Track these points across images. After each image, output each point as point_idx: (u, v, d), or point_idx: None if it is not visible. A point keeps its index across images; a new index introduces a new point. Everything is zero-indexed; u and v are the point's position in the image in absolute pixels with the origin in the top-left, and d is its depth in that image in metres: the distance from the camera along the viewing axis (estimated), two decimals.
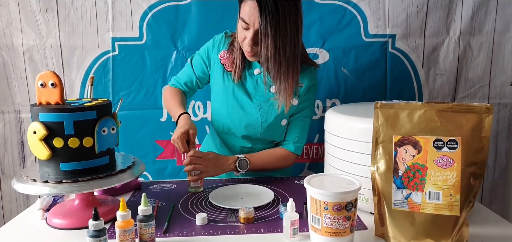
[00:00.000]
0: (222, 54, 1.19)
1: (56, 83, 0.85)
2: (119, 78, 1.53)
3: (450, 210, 0.75)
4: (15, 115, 1.57)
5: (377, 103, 0.82)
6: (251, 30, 1.04)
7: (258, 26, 1.02)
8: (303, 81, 1.17)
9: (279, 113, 1.16)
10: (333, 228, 0.75)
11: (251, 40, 1.05)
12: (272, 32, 1.01)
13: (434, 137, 0.76)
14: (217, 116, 1.24)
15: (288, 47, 1.04)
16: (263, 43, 1.03)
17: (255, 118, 1.18)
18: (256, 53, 1.08)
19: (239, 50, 1.14)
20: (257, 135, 1.20)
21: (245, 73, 1.18)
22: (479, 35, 1.54)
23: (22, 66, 1.52)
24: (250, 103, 1.17)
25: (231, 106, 1.19)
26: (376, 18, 1.51)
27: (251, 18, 1.02)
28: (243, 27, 1.06)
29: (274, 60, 1.04)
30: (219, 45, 1.21)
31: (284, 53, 1.04)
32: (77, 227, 0.87)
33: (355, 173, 0.89)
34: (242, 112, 1.18)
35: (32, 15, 1.48)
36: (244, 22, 1.04)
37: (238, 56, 1.15)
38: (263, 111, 1.17)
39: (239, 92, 1.18)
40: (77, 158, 0.86)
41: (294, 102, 1.17)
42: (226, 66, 1.18)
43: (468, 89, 1.58)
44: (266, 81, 1.15)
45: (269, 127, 1.18)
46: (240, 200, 1.00)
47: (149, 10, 1.49)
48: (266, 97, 1.17)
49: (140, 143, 1.55)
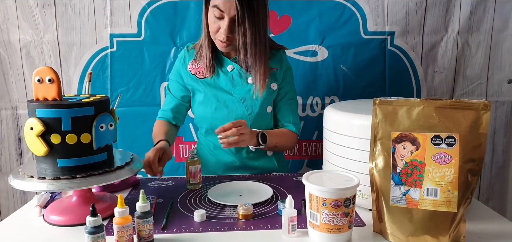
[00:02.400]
0: (189, 66, 1.22)
1: (54, 79, 0.84)
2: (117, 75, 1.52)
3: (448, 207, 0.75)
4: (12, 111, 1.56)
5: (376, 100, 0.82)
6: (226, 19, 1.06)
7: (234, 13, 1.04)
8: (276, 66, 1.21)
9: (262, 100, 1.19)
10: (332, 224, 0.75)
11: (228, 29, 1.06)
12: (249, 19, 1.04)
13: (432, 134, 0.76)
14: (203, 122, 1.25)
15: (262, 32, 1.09)
16: (240, 31, 1.06)
17: (241, 112, 1.20)
18: (231, 42, 1.10)
19: (208, 45, 1.15)
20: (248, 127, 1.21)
21: (219, 72, 1.19)
22: (477, 33, 1.54)
23: (19, 62, 1.51)
24: (232, 99, 1.19)
25: (215, 107, 1.20)
26: (375, 15, 1.51)
27: (226, 6, 1.04)
28: (217, 16, 1.07)
29: (251, 46, 1.08)
30: (185, 60, 1.23)
31: (259, 38, 1.09)
32: (75, 224, 0.87)
33: (353, 170, 0.89)
34: (227, 110, 1.20)
35: (29, 11, 1.47)
36: (219, 10, 1.05)
37: (207, 51, 1.16)
38: (247, 103, 1.19)
39: (218, 92, 1.19)
40: (74, 154, 0.85)
41: (273, 86, 1.21)
42: (198, 75, 1.20)
43: (466, 86, 1.59)
44: (241, 74, 1.17)
45: (256, 117, 1.20)
46: (239, 197, 1.00)
47: (147, 6, 1.48)
48: (246, 90, 1.18)
49: (139, 140, 1.55)
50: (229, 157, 1.26)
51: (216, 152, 1.27)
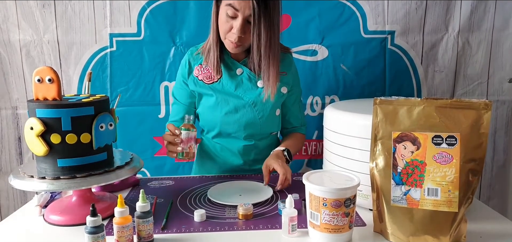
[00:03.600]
0: (196, 72, 1.17)
1: (53, 79, 0.84)
2: (117, 75, 1.52)
3: (448, 206, 0.75)
4: (12, 111, 1.56)
5: (376, 99, 0.82)
6: (240, 18, 1.02)
7: (248, 12, 1.01)
8: (285, 70, 1.19)
9: (273, 104, 1.17)
10: (332, 224, 0.75)
11: (241, 29, 1.03)
12: (264, 19, 1.01)
13: (433, 133, 0.76)
14: (212, 126, 1.22)
15: (276, 34, 1.07)
16: (255, 32, 1.03)
17: (251, 116, 1.17)
18: (242, 43, 1.07)
19: (216, 46, 1.11)
20: (258, 131, 1.20)
21: (227, 76, 1.16)
22: (477, 32, 1.54)
23: (19, 62, 1.51)
24: (242, 103, 1.16)
25: (225, 112, 1.17)
26: (375, 14, 1.51)
27: (241, 5, 1.00)
28: (230, 15, 1.03)
29: (265, 48, 1.05)
30: (190, 65, 1.18)
31: (274, 40, 1.06)
32: (75, 224, 0.87)
33: (354, 170, 0.89)
34: (238, 115, 1.17)
35: (29, 11, 1.47)
36: (233, 9, 1.01)
37: (215, 52, 1.11)
38: (258, 107, 1.16)
39: (228, 97, 1.16)
40: (74, 154, 0.85)
41: (283, 90, 1.19)
42: (205, 80, 1.16)
43: (466, 86, 1.58)
44: (250, 77, 1.15)
45: (266, 120, 1.19)
46: (239, 197, 1.00)
47: (147, 6, 1.48)
48: (257, 93, 1.16)
49: (138, 140, 1.55)
50: (237, 160, 1.24)
51: (223, 154, 1.25)
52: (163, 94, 1.54)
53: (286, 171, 1.04)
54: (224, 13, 1.04)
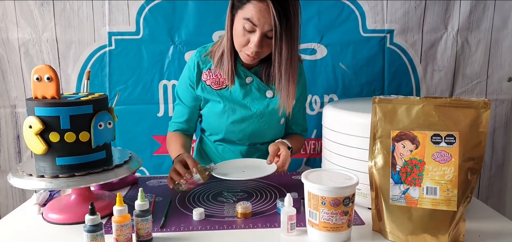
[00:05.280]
0: (204, 76, 1.13)
1: (52, 77, 0.84)
2: (115, 73, 1.52)
3: (447, 205, 0.75)
4: (10, 110, 1.56)
5: (375, 98, 0.82)
6: (258, 33, 0.97)
7: (268, 28, 0.96)
8: (297, 79, 1.15)
9: (280, 116, 1.16)
10: (331, 223, 0.75)
11: (259, 44, 0.98)
12: (286, 36, 0.97)
13: (432, 132, 0.76)
14: (215, 131, 1.21)
15: (296, 50, 1.02)
16: (277, 49, 0.98)
17: (257, 127, 1.16)
18: (259, 57, 1.03)
19: (230, 55, 1.06)
20: (262, 139, 1.21)
21: (237, 84, 1.12)
22: (477, 31, 1.54)
23: (17, 61, 1.51)
24: (250, 113, 1.14)
25: (231, 121, 1.15)
26: (374, 13, 1.51)
27: (261, 21, 0.96)
28: (247, 29, 0.98)
29: (286, 65, 1.01)
30: (199, 68, 1.13)
31: (294, 57, 1.02)
32: (74, 222, 0.87)
33: (352, 168, 0.89)
34: (244, 125, 1.16)
35: (28, 9, 1.47)
36: (250, 24, 0.96)
37: (230, 62, 1.07)
38: (265, 118, 1.15)
39: (235, 105, 1.13)
40: (73, 153, 0.85)
41: None
42: (213, 86, 1.13)
43: (465, 85, 1.58)
44: (260, 87, 1.12)
45: (272, 129, 1.19)
46: (242, 172, 1.01)
47: (146, 5, 1.48)
48: (264, 104, 1.13)
49: (137, 138, 1.55)
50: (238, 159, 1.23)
51: (224, 155, 1.25)
52: (162, 93, 1.54)
53: (288, 159, 1.05)
54: (240, 26, 0.99)
